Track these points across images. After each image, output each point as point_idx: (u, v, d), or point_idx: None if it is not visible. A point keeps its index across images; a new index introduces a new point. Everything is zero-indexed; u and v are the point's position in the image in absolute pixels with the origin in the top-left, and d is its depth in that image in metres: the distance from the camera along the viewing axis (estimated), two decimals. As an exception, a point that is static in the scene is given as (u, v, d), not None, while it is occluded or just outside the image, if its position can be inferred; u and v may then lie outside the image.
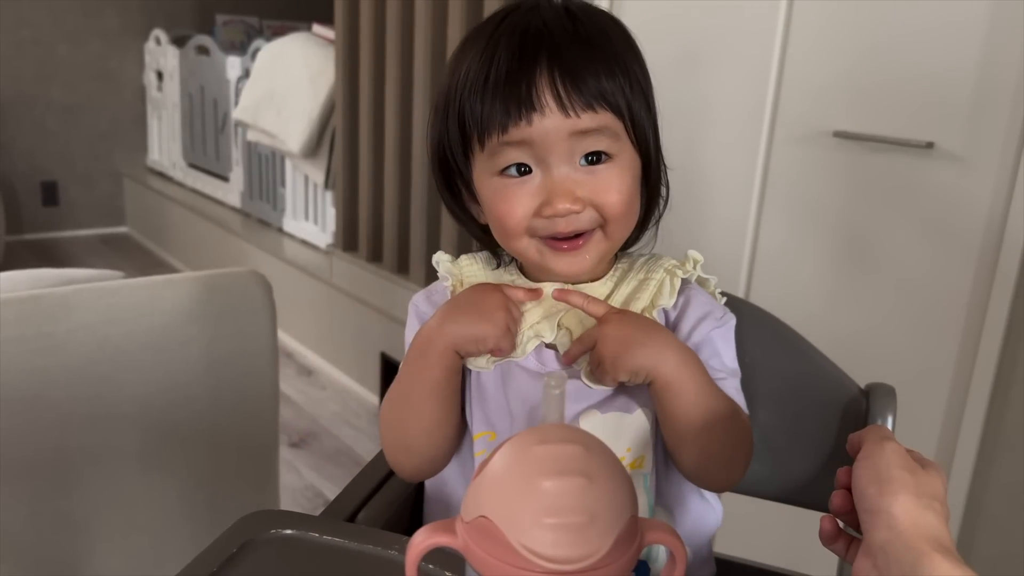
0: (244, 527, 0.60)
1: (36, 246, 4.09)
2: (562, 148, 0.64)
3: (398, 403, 0.69)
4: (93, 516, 1.21)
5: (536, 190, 0.65)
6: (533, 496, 0.39)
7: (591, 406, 0.68)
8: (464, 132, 0.67)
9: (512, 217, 0.66)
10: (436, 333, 0.66)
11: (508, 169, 0.66)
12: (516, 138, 0.64)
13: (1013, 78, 1.22)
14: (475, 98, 0.65)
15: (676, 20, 1.62)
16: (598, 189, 0.65)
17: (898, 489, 0.53)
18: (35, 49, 4.03)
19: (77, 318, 1.16)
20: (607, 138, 0.65)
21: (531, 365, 0.69)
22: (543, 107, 0.63)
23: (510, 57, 0.64)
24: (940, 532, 0.52)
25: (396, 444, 0.70)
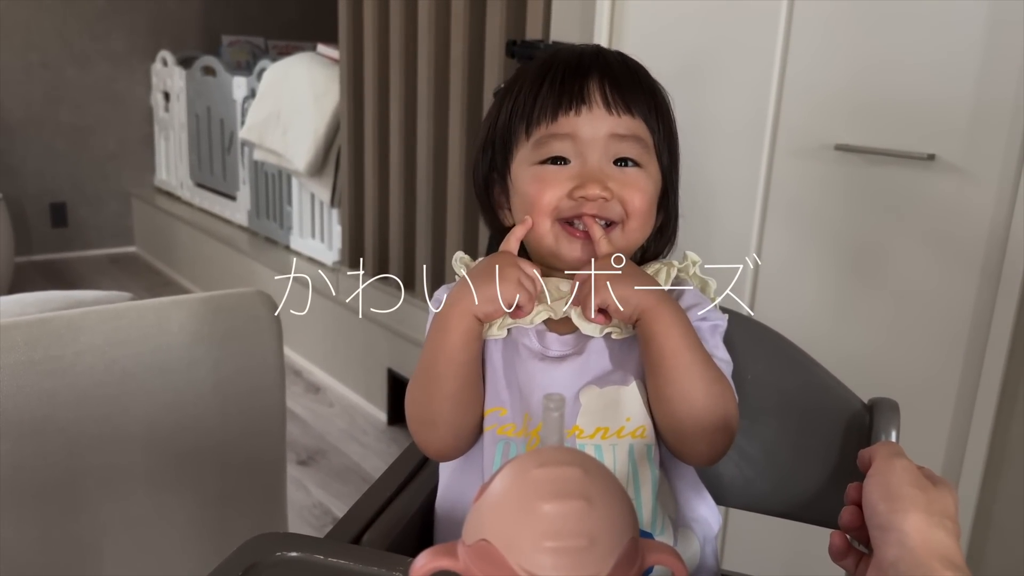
0: (249, 550, 0.61)
1: (45, 267, 4.12)
2: (601, 146, 0.72)
3: (422, 376, 0.72)
4: (102, 538, 1.22)
5: (572, 176, 0.71)
6: (533, 520, 0.40)
7: (590, 382, 0.71)
8: (511, 125, 0.75)
9: (545, 195, 0.72)
10: (453, 302, 0.70)
11: (548, 161, 0.73)
12: (563, 129, 0.72)
13: (1013, 90, 1.22)
14: (530, 96, 0.74)
15: (677, 34, 1.63)
16: (626, 185, 0.72)
17: (909, 506, 0.53)
18: (44, 72, 4.07)
19: (85, 340, 1.17)
20: (639, 147, 0.73)
21: (534, 346, 0.73)
22: (592, 103, 0.71)
23: (566, 68, 0.73)
24: (951, 550, 0.52)
25: (422, 419, 0.72)
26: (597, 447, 0.70)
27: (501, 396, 0.73)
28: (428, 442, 0.73)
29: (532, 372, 0.72)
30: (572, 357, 0.72)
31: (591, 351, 0.72)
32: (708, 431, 0.68)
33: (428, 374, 0.71)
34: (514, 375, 0.73)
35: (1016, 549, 1.31)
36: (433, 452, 0.75)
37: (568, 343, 0.73)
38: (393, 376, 2.59)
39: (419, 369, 0.72)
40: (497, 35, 2.10)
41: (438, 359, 0.70)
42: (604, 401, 0.71)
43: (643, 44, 1.70)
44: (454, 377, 0.70)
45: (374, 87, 2.61)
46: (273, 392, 1.38)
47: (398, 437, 2.55)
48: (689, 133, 1.62)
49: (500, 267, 0.69)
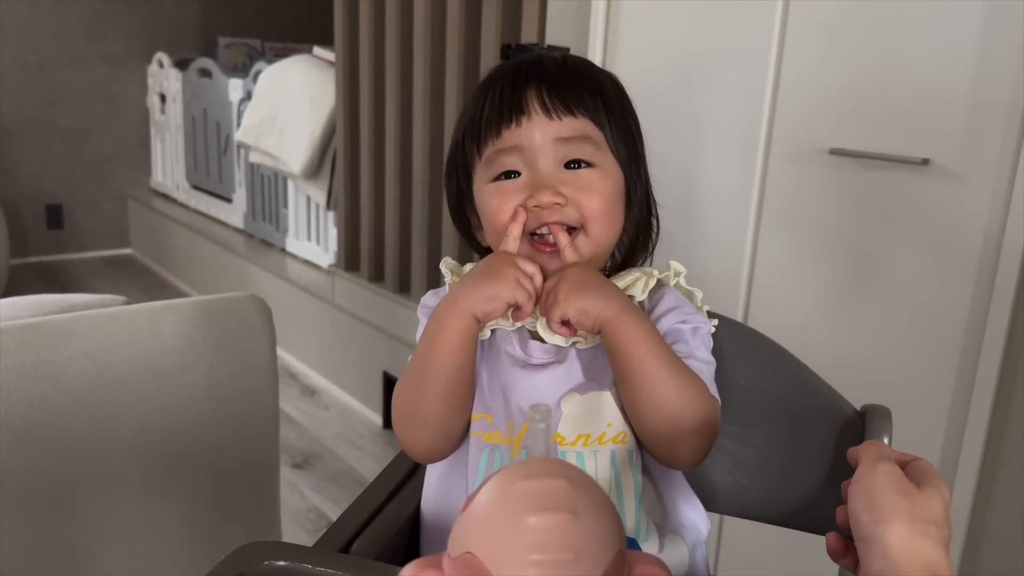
0: (237, 559, 0.60)
1: (41, 269, 4.11)
2: (548, 152, 0.71)
3: (414, 375, 0.71)
4: (94, 543, 1.21)
5: (523, 187, 0.72)
6: (518, 532, 0.39)
7: (571, 389, 0.71)
8: (465, 147, 0.76)
9: (504, 211, 0.72)
10: (451, 300, 0.70)
11: (501, 176, 0.73)
12: (508, 143, 0.72)
13: (1008, 94, 1.22)
14: (476, 115, 0.75)
15: (672, 37, 1.63)
16: (580, 187, 0.71)
17: (891, 516, 0.52)
18: (40, 74, 4.07)
19: (77, 345, 1.16)
20: (589, 147, 0.72)
21: (517, 353, 0.73)
22: (530, 112, 0.72)
23: (504, 82, 0.74)
24: (935, 558, 0.51)
25: (411, 418, 0.72)
26: (579, 454, 0.70)
27: (487, 402, 0.73)
28: (415, 442, 0.73)
29: (515, 379, 0.72)
30: (554, 365, 0.72)
31: (573, 359, 0.72)
32: (684, 435, 0.67)
33: (421, 372, 0.70)
34: (498, 382, 0.73)
35: (1011, 554, 1.31)
36: (419, 453, 0.74)
37: (550, 351, 0.73)
38: (389, 379, 2.58)
39: (411, 367, 0.72)
40: (493, 38, 2.10)
41: (432, 357, 0.69)
42: (585, 407, 0.71)
43: (638, 47, 1.70)
44: (447, 377, 0.70)
45: (370, 90, 2.60)
46: (267, 396, 1.38)
47: (393, 441, 2.54)
48: (683, 136, 1.63)
49: (499, 266, 0.69)
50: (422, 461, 0.78)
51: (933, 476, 0.56)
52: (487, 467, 0.72)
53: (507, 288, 0.68)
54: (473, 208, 0.79)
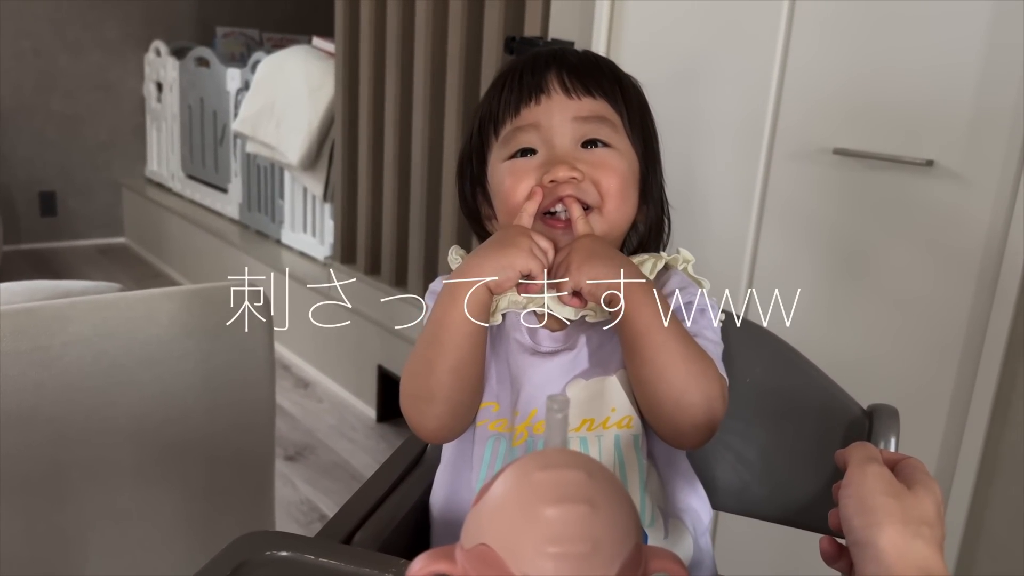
0: (238, 549, 0.59)
1: (34, 256, 4.09)
2: (566, 130, 0.72)
3: (424, 348, 0.70)
4: (88, 531, 1.20)
5: (540, 163, 0.72)
6: (535, 524, 0.39)
7: (576, 376, 0.71)
8: (483, 132, 0.76)
9: (519, 187, 0.71)
10: (463, 271, 0.69)
11: (517, 153, 0.73)
12: (527, 120, 0.72)
13: (1013, 96, 1.22)
14: (495, 99, 0.75)
15: (676, 34, 1.62)
16: (596, 165, 0.71)
17: (883, 519, 0.52)
18: (35, 60, 4.04)
19: (73, 331, 1.15)
20: (606, 128, 0.73)
21: (526, 341, 0.73)
22: (550, 91, 0.72)
23: (525, 66, 0.75)
24: (929, 560, 0.51)
25: (420, 393, 0.70)
26: (583, 439, 0.70)
27: (494, 390, 0.73)
28: (423, 419, 0.71)
29: (523, 366, 0.71)
30: (563, 352, 0.72)
31: (582, 346, 0.72)
32: (689, 410, 0.66)
33: (431, 344, 0.69)
34: (506, 370, 0.72)
35: (1007, 556, 1.31)
36: (428, 431, 0.72)
37: (559, 339, 0.73)
38: (383, 373, 2.57)
39: (421, 341, 0.71)
40: (495, 31, 2.09)
41: (443, 328, 0.68)
42: (589, 392, 0.70)
43: (642, 43, 1.69)
44: (458, 348, 0.68)
45: (369, 81, 2.59)
46: (263, 386, 1.36)
47: (387, 434, 2.53)
48: (686, 133, 1.63)
49: (512, 237, 0.69)
50: (430, 440, 0.77)
51: (924, 475, 0.56)
52: (491, 457, 0.71)
53: (520, 257, 0.67)
54: (485, 197, 0.78)
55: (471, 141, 0.78)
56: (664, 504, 0.72)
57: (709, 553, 0.76)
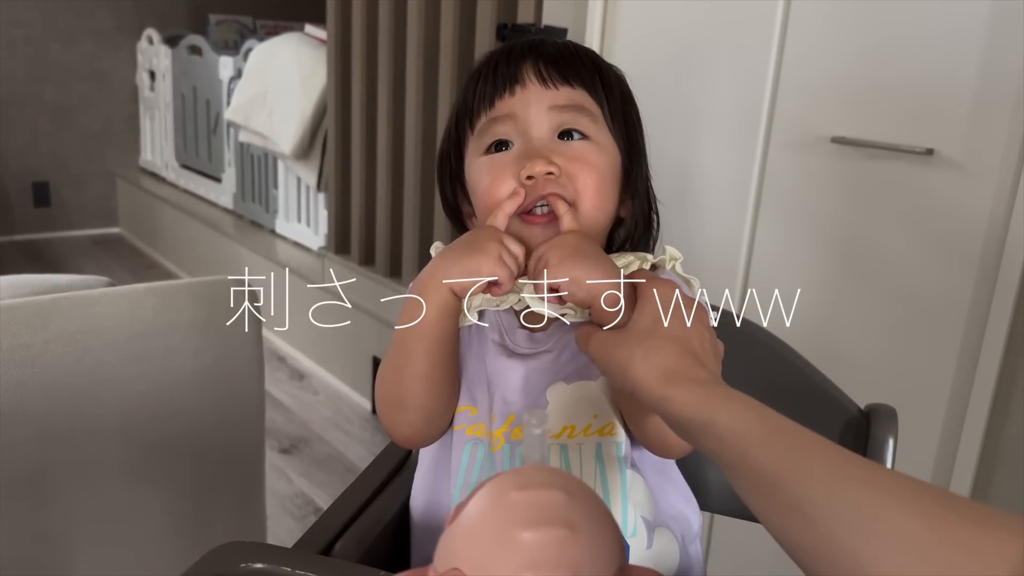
0: (213, 560, 0.57)
1: (27, 247, 4.06)
2: (542, 120, 0.68)
3: (394, 354, 0.68)
4: (74, 531, 1.18)
5: (516, 157, 0.68)
6: (510, 549, 0.37)
7: (558, 379, 0.68)
8: (459, 126, 0.73)
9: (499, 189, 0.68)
10: (429, 274, 0.66)
11: (492, 147, 0.70)
12: (501, 111, 0.69)
13: (1014, 84, 1.20)
14: (469, 92, 0.72)
15: (671, 24, 1.59)
16: (573, 159, 0.68)
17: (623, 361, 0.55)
18: (27, 49, 4.00)
19: (55, 328, 1.12)
20: (584, 118, 0.69)
21: (504, 343, 0.70)
22: (525, 81, 0.69)
23: (500, 57, 0.72)
24: (667, 362, 0.53)
25: (392, 400, 0.68)
26: (563, 446, 0.67)
27: (472, 393, 0.70)
28: (396, 426, 0.69)
29: (500, 368, 0.69)
30: (542, 354, 0.69)
31: (562, 348, 0.69)
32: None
33: (399, 352, 0.67)
34: (483, 373, 0.70)
35: (1006, 552, 1.30)
36: (401, 437, 0.70)
37: (539, 340, 0.70)
38: (379, 364, 2.55)
39: (391, 347, 0.68)
40: (488, 18, 2.06)
41: (410, 335, 0.66)
42: (571, 397, 0.68)
43: (637, 30, 1.66)
44: (426, 353, 0.66)
45: (362, 69, 2.56)
46: (252, 382, 1.34)
47: (382, 426, 2.51)
48: (681, 123, 1.60)
49: (483, 241, 0.65)
50: (406, 446, 0.75)
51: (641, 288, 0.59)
52: (469, 462, 0.69)
53: (488, 263, 0.64)
54: (465, 195, 0.75)
55: (448, 137, 0.75)
56: (649, 514, 0.69)
57: (698, 560, 0.74)
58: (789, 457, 0.46)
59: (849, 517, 0.41)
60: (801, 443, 0.47)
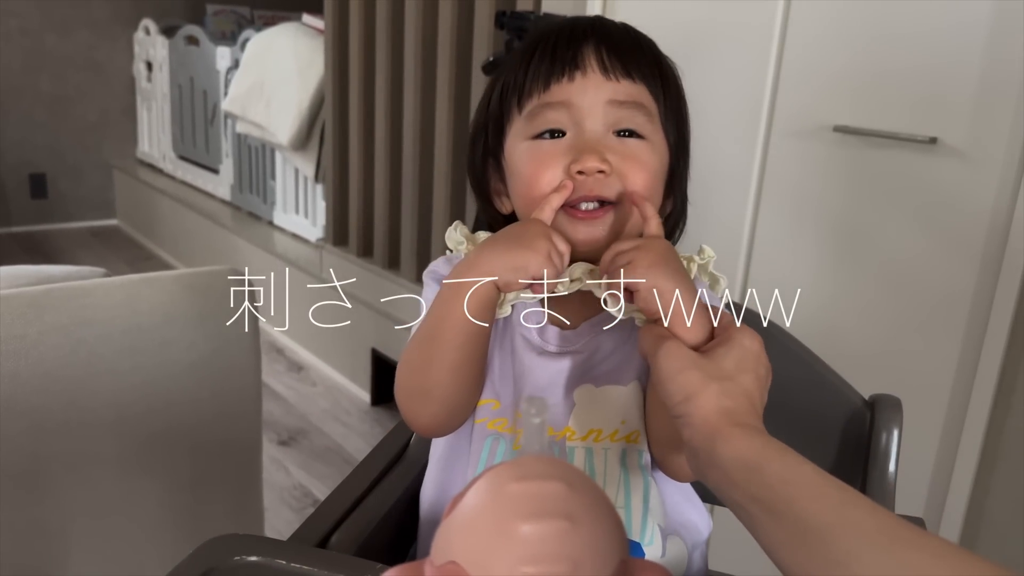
0: (207, 553, 0.56)
1: (24, 239, 4.04)
2: (599, 113, 0.65)
3: (423, 342, 0.65)
4: (69, 524, 1.17)
5: (567, 148, 0.65)
6: (509, 542, 0.35)
7: (587, 380, 0.67)
8: (504, 101, 0.69)
9: (543, 178, 0.65)
10: (472, 264, 0.63)
11: (543, 134, 0.66)
12: (557, 97, 0.65)
13: (1018, 72, 1.18)
14: (520, 68, 0.67)
15: (671, 11, 1.58)
16: (627, 158, 0.65)
17: (688, 393, 0.54)
18: (23, 39, 3.97)
19: (49, 319, 1.11)
20: (642, 116, 0.66)
21: (533, 339, 0.68)
22: (586, 68, 0.65)
23: (559, 35, 0.67)
24: (735, 407, 0.53)
25: (415, 389, 0.66)
26: (588, 450, 0.66)
27: (496, 387, 0.68)
28: (418, 415, 0.67)
29: (529, 366, 0.67)
30: (572, 354, 0.67)
31: (592, 350, 0.67)
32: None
33: (431, 340, 0.64)
34: (510, 367, 0.68)
35: (1009, 542, 1.29)
36: (421, 426, 0.68)
37: (569, 339, 0.68)
38: (377, 356, 2.54)
39: (420, 334, 0.66)
40: (486, 5, 2.04)
41: (444, 326, 0.63)
42: (599, 401, 0.66)
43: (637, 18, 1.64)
44: (460, 347, 0.63)
45: (360, 59, 2.54)
46: (249, 374, 1.33)
47: (381, 418, 2.51)
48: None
49: (532, 236, 0.62)
50: (424, 434, 0.73)
51: (730, 331, 0.58)
52: (489, 457, 0.67)
53: (536, 261, 0.61)
54: (497, 170, 0.72)
55: (488, 108, 0.71)
56: (663, 521, 0.68)
57: (702, 562, 0.73)
58: (840, 511, 0.45)
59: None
60: (853, 500, 0.46)
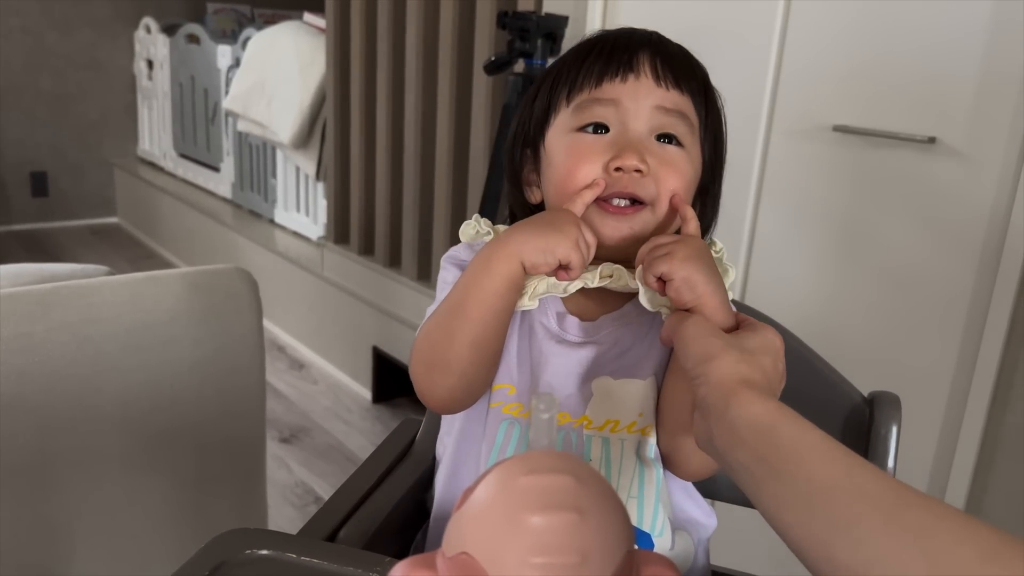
0: (218, 547, 0.57)
1: (25, 237, 4.05)
2: (645, 116, 0.68)
3: (448, 314, 0.67)
4: (75, 520, 1.18)
5: (609, 144, 0.67)
6: (519, 533, 0.36)
7: (605, 372, 0.68)
8: (553, 93, 0.71)
9: (581, 171, 0.67)
10: (503, 242, 0.65)
11: (587, 127, 0.68)
12: (607, 95, 0.68)
13: (1017, 72, 1.19)
14: (575, 64, 0.70)
15: (672, 11, 1.59)
16: (665, 162, 0.67)
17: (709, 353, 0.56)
18: (24, 38, 3.98)
19: (56, 317, 1.12)
20: (684, 126, 0.69)
21: (553, 328, 0.70)
22: (640, 72, 0.68)
23: (617, 39, 0.70)
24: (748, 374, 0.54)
25: (435, 362, 0.67)
26: (605, 440, 0.67)
27: (512, 373, 0.70)
28: (434, 389, 0.68)
29: (547, 354, 0.69)
30: (590, 345, 0.69)
31: (610, 342, 0.69)
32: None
33: (455, 315, 0.66)
34: (528, 354, 0.70)
35: (1006, 540, 1.30)
36: (437, 399, 0.69)
37: (588, 330, 0.70)
38: (378, 354, 2.55)
39: (444, 309, 0.67)
40: (488, 5, 2.05)
41: (470, 300, 0.65)
42: (617, 393, 0.68)
43: (638, 18, 1.65)
44: (483, 323, 0.65)
45: (361, 58, 2.55)
46: (252, 371, 1.34)
47: (383, 416, 2.52)
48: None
49: (562, 222, 0.64)
50: (438, 410, 0.74)
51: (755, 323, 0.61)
52: (504, 441, 0.69)
53: (564, 245, 0.63)
54: (534, 160, 0.74)
55: (534, 100, 0.73)
56: (672, 515, 0.70)
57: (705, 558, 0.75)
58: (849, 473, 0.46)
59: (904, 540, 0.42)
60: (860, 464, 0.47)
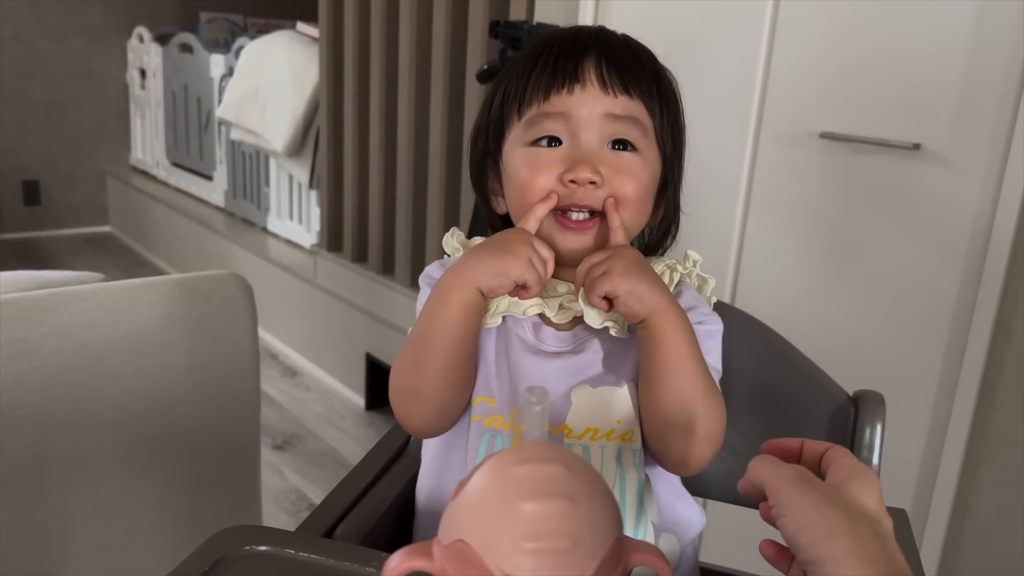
0: (217, 544, 0.59)
1: (18, 246, 4.05)
2: (595, 126, 0.68)
3: (414, 347, 0.68)
4: (70, 524, 1.19)
5: (562, 158, 0.68)
6: (512, 520, 0.38)
7: (583, 381, 0.69)
8: (505, 107, 0.72)
9: (537, 181, 0.68)
10: (457, 271, 0.66)
11: (540, 141, 0.69)
12: (556, 108, 0.68)
13: (1000, 79, 1.22)
14: (522, 76, 0.70)
15: (661, 19, 1.61)
16: (619, 170, 0.68)
17: (833, 530, 0.47)
18: (16, 46, 3.98)
19: (52, 323, 1.13)
20: (636, 131, 0.69)
21: (529, 339, 0.70)
22: (586, 81, 0.68)
23: (561, 46, 0.70)
24: (892, 556, 0.47)
25: (408, 391, 0.69)
26: (585, 448, 0.68)
27: (491, 386, 0.71)
28: (410, 417, 0.70)
29: (524, 365, 0.69)
30: (567, 355, 0.70)
31: (587, 350, 0.70)
32: (699, 443, 0.65)
33: (421, 345, 0.67)
34: (505, 366, 0.70)
35: (994, 538, 1.32)
36: (413, 428, 0.71)
37: (564, 340, 0.71)
38: (371, 361, 2.56)
39: (411, 339, 0.69)
40: (480, 14, 2.07)
41: (433, 329, 0.66)
42: (595, 401, 0.68)
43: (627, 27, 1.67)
44: (447, 350, 0.66)
45: (354, 66, 2.56)
46: (247, 377, 1.35)
47: (376, 422, 2.53)
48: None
49: (513, 243, 0.66)
50: (417, 435, 0.75)
51: (854, 464, 0.52)
52: (487, 452, 0.69)
53: (517, 266, 0.64)
54: (495, 172, 0.75)
55: (489, 111, 0.74)
56: (656, 518, 0.71)
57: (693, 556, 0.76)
58: None
59: None
60: None
